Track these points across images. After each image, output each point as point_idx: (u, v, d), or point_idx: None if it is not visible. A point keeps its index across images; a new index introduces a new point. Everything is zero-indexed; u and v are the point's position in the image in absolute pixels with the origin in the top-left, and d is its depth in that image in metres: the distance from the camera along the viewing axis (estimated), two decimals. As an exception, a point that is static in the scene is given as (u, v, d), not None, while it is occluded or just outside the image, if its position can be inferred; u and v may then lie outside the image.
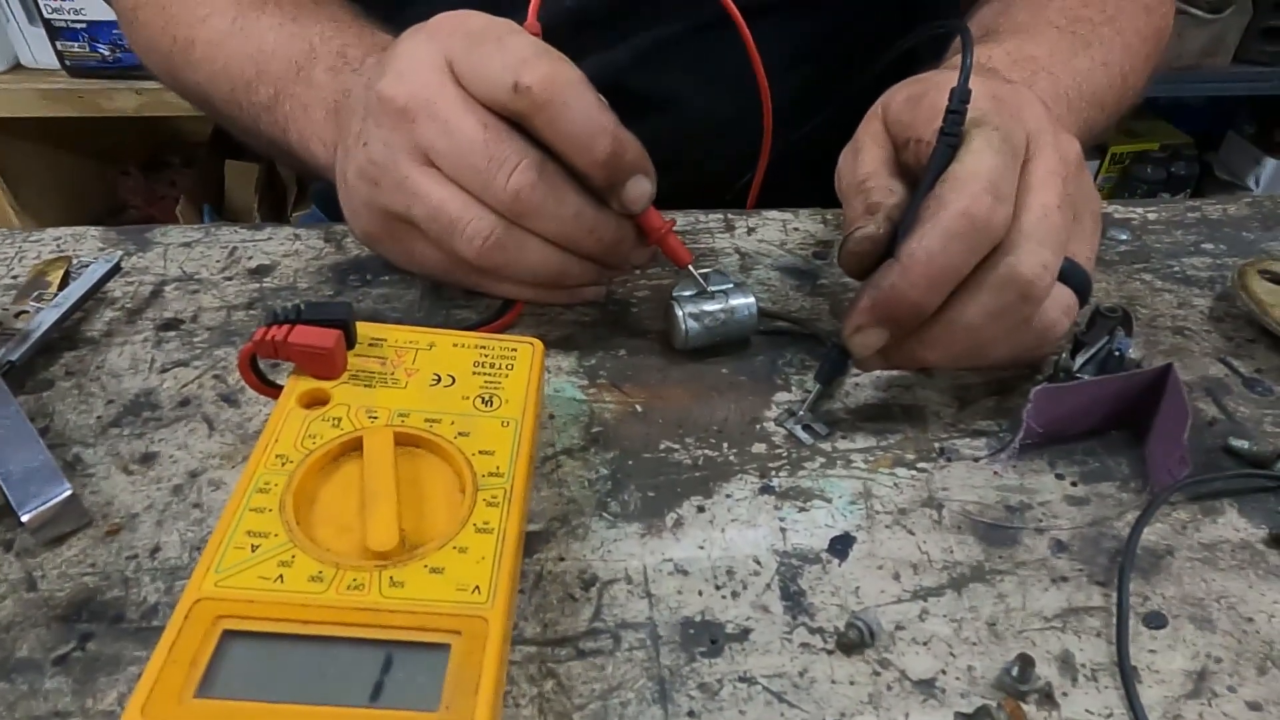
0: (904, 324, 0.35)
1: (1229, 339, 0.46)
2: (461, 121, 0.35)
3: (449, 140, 0.36)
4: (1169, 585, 0.33)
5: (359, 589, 0.26)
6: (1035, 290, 0.34)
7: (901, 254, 0.34)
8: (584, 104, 0.35)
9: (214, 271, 0.48)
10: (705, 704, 0.29)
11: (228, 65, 0.48)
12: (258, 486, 0.28)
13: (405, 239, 0.39)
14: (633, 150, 0.37)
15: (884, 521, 0.36)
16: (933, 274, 0.33)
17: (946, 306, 0.35)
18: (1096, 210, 0.39)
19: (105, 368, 0.41)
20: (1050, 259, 0.34)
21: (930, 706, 0.29)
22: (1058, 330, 0.36)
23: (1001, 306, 0.34)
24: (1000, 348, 0.36)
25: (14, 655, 0.30)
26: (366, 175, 0.38)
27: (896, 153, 0.39)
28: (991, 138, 0.34)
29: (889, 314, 0.35)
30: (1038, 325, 0.36)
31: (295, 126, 0.45)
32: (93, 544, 0.33)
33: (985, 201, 0.33)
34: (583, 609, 0.32)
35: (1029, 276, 0.33)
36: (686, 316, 0.41)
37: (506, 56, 0.35)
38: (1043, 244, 0.34)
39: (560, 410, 0.40)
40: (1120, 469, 0.38)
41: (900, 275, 0.34)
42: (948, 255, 0.33)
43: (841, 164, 0.41)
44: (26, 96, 1.32)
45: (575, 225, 0.37)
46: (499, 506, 0.29)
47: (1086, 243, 0.37)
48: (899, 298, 0.34)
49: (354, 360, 0.33)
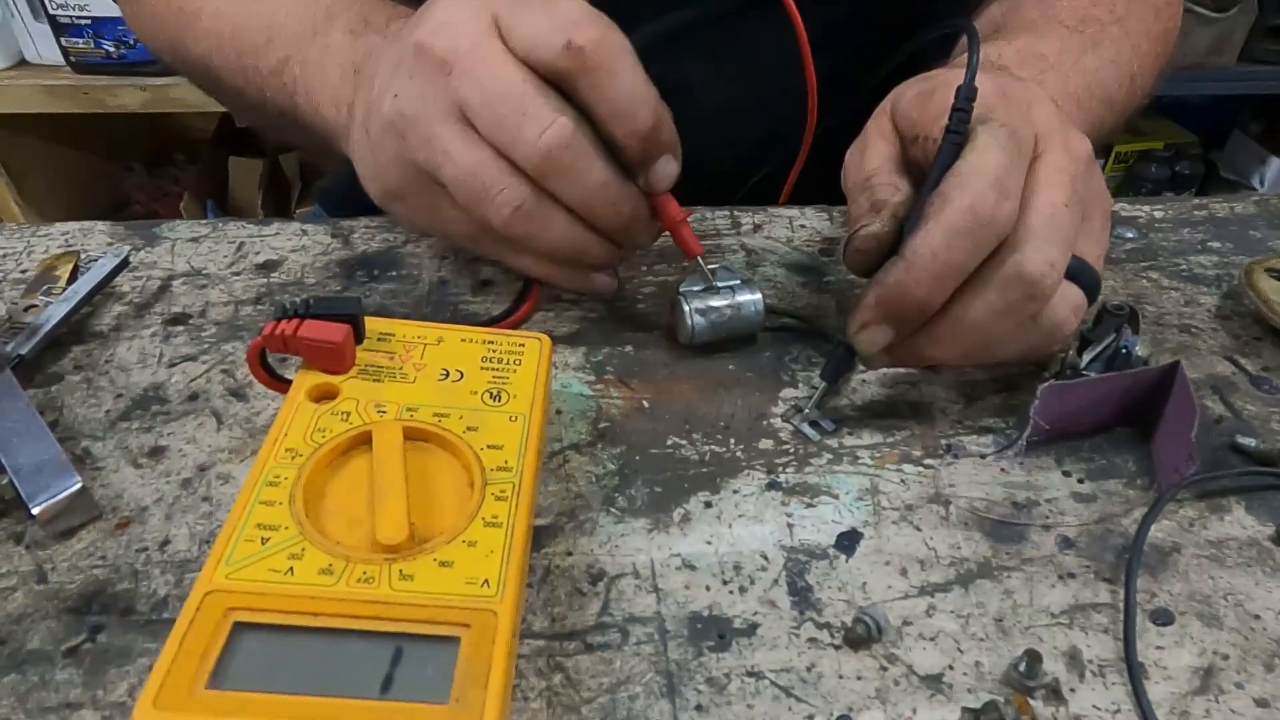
0: (909, 321, 0.35)
1: (1236, 337, 0.45)
2: (501, 72, 0.35)
3: (485, 92, 0.35)
4: (1176, 582, 0.34)
5: (369, 582, 0.26)
6: (1041, 288, 0.34)
7: (906, 251, 0.34)
8: (633, 73, 0.35)
9: (222, 266, 0.48)
10: (713, 698, 0.29)
11: (236, 31, 0.48)
12: (267, 480, 0.29)
13: (429, 198, 0.38)
14: (669, 129, 0.37)
15: (891, 517, 0.36)
16: (938, 270, 0.33)
17: (952, 304, 0.35)
18: (1107, 209, 0.38)
19: (114, 362, 0.41)
20: (1057, 257, 0.34)
21: (938, 701, 0.29)
22: (1065, 329, 0.36)
23: (1007, 304, 0.34)
24: (1007, 345, 0.36)
25: (25, 647, 0.30)
26: (394, 128, 0.37)
27: (904, 149, 0.39)
28: (998, 134, 0.34)
29: (894, 311, 0.35)
30: (1045, 323, 0.35)
31: (304, 90, 0.44)
32: (103, 537, 0.34)
33: (990, 197, 0.33)
34: (590, 603, 0.32)
35: (1035, 274, 0.33)
36: (693, 312, 0.41)
37: (557, 17, 0.35)
38: (1049, 241, 0.34)
39: (567, 406, 0.40)
40: (1127, 466, 0.38)
41: (905, 272, 0.34)
42: (952, 252, 0.33)
43: (848, 160, 0.40)
44: (31, 92, 1.33)
45: (600, 194, 0.37)
46: (508, 500, 0.29)
47: (1096, 242, 0.37)
48: (904, 294, 0.34)
49: (362, 355, 0.34)
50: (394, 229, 0.51)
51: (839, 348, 0.39)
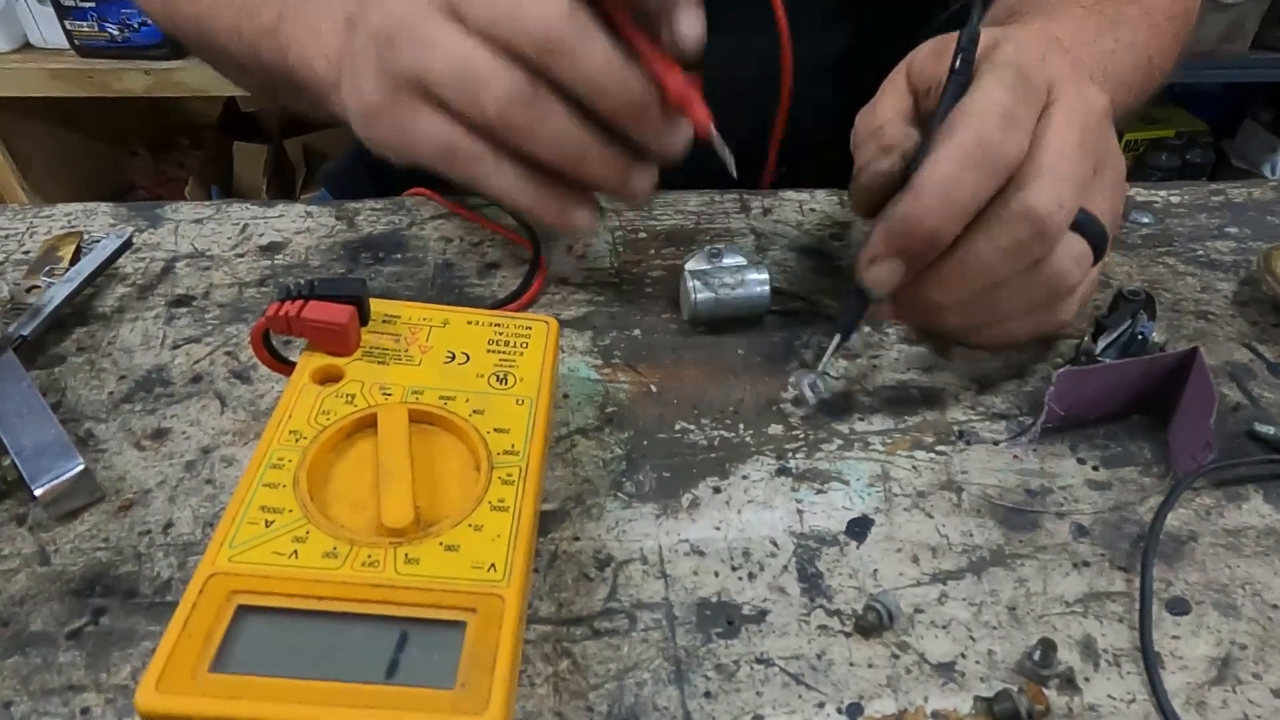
0: (918, 255, 0.34)
1: (1253, 323, 0.45)
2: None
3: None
4: (1192, 571, 0.33)
5: (374, 566, 0.26)
6: (1048, 225, 0.33)
7: (915, 182, 0.33)
8: None
9: (225, 248, 0.47)
10: (722, 685, 0.29)
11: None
12: (271, 462, 0.28)
13: (410, 111, 0.36)
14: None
15: (902, 504, 0.35)
16: (946, 200, 0.33)
17: (959, 243, 0.34)
18: (1120, 170, 0.38)
19: (117, 344, 0.41)
20: (1066, 197, 0.33)
21: (950, 690, 0.29)
22: (1069, 280, 0.35)
23: (1014, 242, 0.33)
24: (1012, 298, 0.35)
25: (28, 629, 0.30)
26: (382, 35, 0.35)
27: (916, 105, 0.38)
28: (1005, 74, 0.34)
29: (903, 242, 0.34)
30: (1048, 273, 0.35)
31: (297, 46, 0.43)
32: (105, 519, 0.33)
33: (998, 128, 0.32)
34: (598, 589, 0.32)
35: (1042, 211, 0.33)
36: (697, 286, 0.41)
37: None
38: (1058, 180, 0.33)
39: (575, 390, 0.40)
40: (1142, 453, 0.38)
41: (914, 201, 0.33)
42: (961, 182, 0.32)
43: (859, 117, 0.40)
44: (35, 76, 1.32)
45: (605, 71, 0.33)
46: (514, 484, 0.29)
47: (1106, 198, 0.36)
48: (913, 225, 0.33)
49: (367, 337, 0.33)
50: (399, 211, 0.50)
51: (850, 296, 0.37)
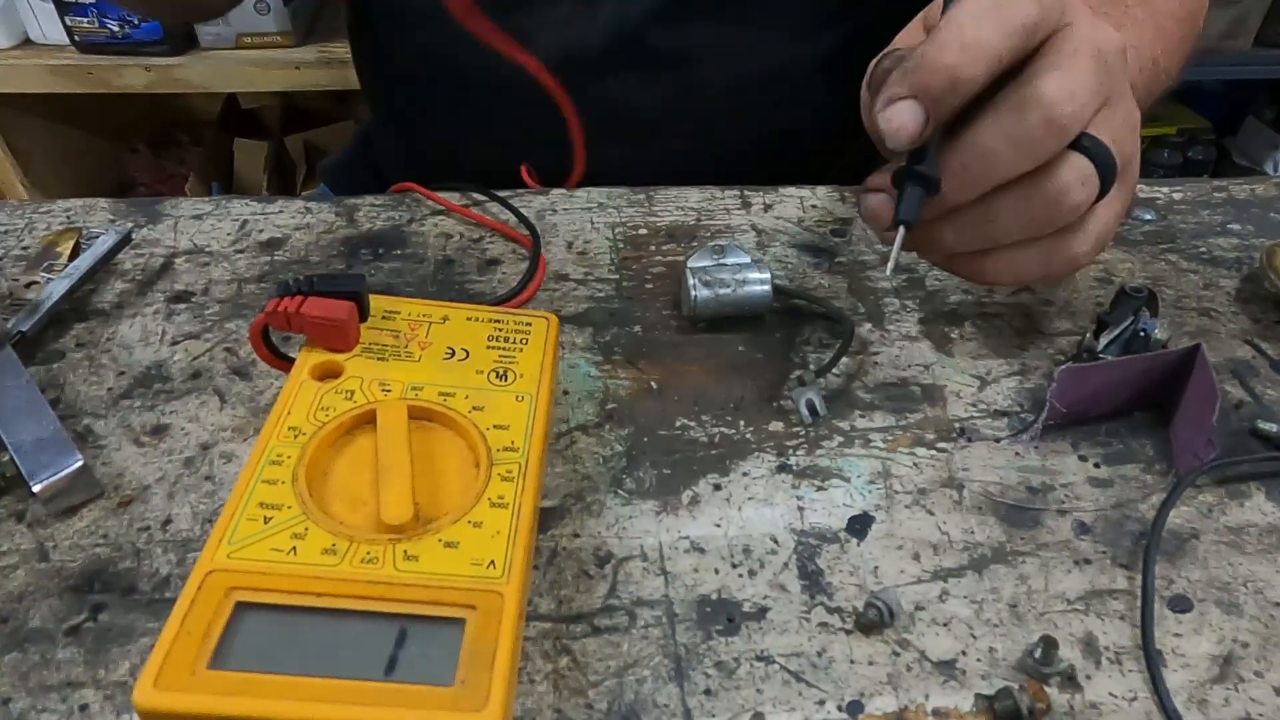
0: (938, 98, 0.33)
1: (1256, 320, 0.45)
2: None
3: None
4: (1194, 569, 0.33)
5: (373, 562, 0.26)
6: (1058, 113, 0.32)
7: (932, 32, 0.33)
8: None
9: (225, 244, 0.47)
10: (722, 682, 0.29)
11: None
12: (270, 458, 0.28)
13: None
14: None
15: (903, 501, 0.35)
16: (963, 40, 0.32)
17: (965, 128, 0.34)
18: (1133, 116, 0.36)
19: (116, 339, 0.41)
20: (1079, 90, 0.33)
21: (950, 688, 0.29)
22: (1072, 198, 0.34)
23: (1023, 129, 0.33)
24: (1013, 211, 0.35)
25: (26, 625, 0.30)
26: None
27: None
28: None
29: (921, 79, 0.33)
30: (1050, 187, 0.34)
31: None
32: (104, 515, 0.33)
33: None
34: (598, 586, 0.32)
35: (1053, 96, 0.32)
36: (697, 283, 0.41)
37: None
38: (1072, 73, 0.33)
39: (575, 386, 0.40)
40: (1144, 451, 0.38)
41: (932, 42, 0.32)
42: (979, 24, 0.32)
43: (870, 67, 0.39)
44: (35, 72, 1.32)
45: None
46: (514, 481, 0.29)
47: (1115, 134, 0.35)
48: (932, 62, 0.33)
49: (367, 333, 0.33)
50: (399, 207, 0.50)
51: (903, 177, 0.34)
